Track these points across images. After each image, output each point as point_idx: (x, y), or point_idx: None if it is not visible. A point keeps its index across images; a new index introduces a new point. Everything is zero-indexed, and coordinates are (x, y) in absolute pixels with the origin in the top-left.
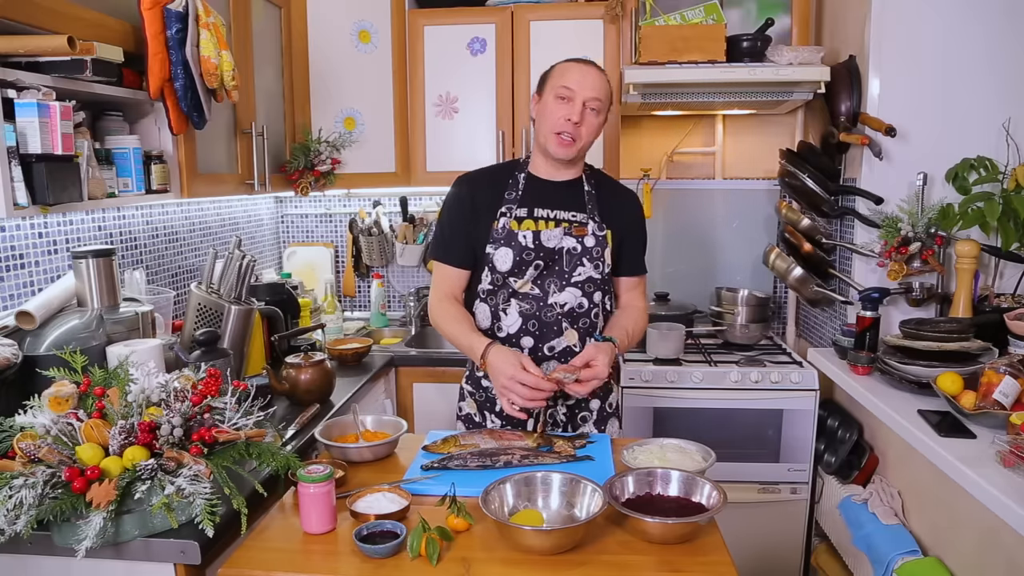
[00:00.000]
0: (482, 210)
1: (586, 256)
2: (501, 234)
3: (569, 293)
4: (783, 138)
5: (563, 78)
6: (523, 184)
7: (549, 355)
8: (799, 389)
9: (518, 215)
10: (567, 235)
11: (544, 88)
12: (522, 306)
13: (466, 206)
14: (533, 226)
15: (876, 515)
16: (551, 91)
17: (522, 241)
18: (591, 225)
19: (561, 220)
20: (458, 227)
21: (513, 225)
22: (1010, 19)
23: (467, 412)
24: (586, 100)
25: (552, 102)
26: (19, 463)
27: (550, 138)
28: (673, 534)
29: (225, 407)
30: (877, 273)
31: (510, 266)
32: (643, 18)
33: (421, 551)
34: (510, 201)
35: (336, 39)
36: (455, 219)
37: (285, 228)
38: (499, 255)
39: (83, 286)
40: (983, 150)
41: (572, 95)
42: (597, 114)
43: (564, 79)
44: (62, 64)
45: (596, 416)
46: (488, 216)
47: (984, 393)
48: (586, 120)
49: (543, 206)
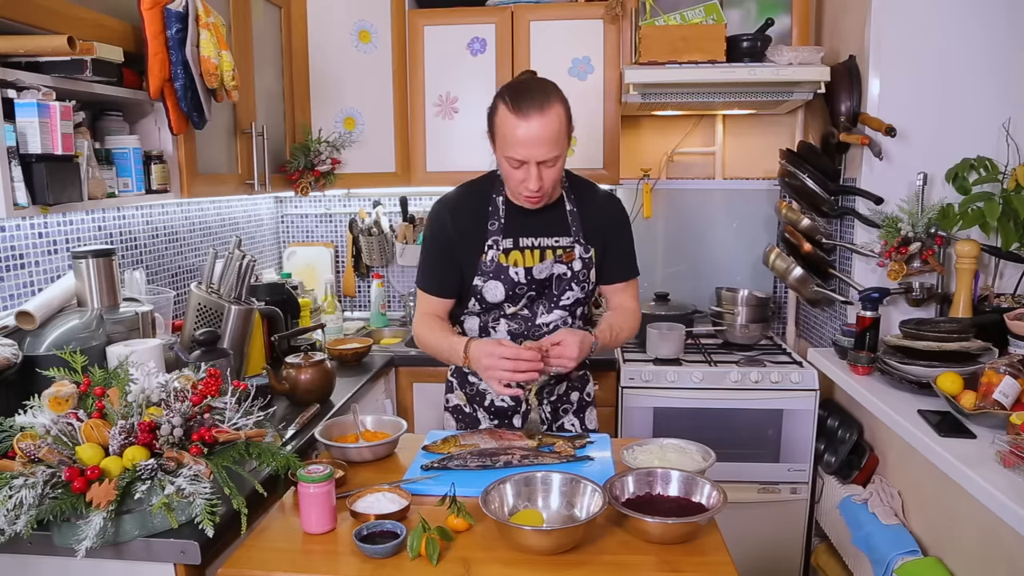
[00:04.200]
0: (465, 241)
1: (574, 280)
2: (490, 267)
3: (556, 314)
4: (783, 138)
5: (508, 145)
6: (504, 212)
7: None
8: (799, 389)
9: (504, 247)
10: (557, 262)
11: (493, 138)
12: (511, 325)
13: (448, 238)
14: (520, 257)
15: (876, 515)
16: (500, 151)
17: (514, 277)
18: (577, 248)
19: (547, 247)
20: (440, 259)
21: (501, 259)
22: (1010, 19)
23: (455, 404)
24: (540, 162)
25: (504, 163)
26: (19, 463)
27: (518, 196)
28: (673, 534)
29: (225, 407)
30: (877, 273)
31: (502, 298)
32: (643, 18)
33: (421, 551)
34: (494, 232)
35: (336, 39)
36: (436, 253)
37: (285, 228)
38: (489, 288)
39: (83, 286)
40: (983, 150)
41: (524, 162)
42: (556, 161)
43: (510, 147)
44: (62, 64)
45: (576, 406)
46: (472, 246)
47: (984, 393)
48: (545, 175)
49: (527, 234)
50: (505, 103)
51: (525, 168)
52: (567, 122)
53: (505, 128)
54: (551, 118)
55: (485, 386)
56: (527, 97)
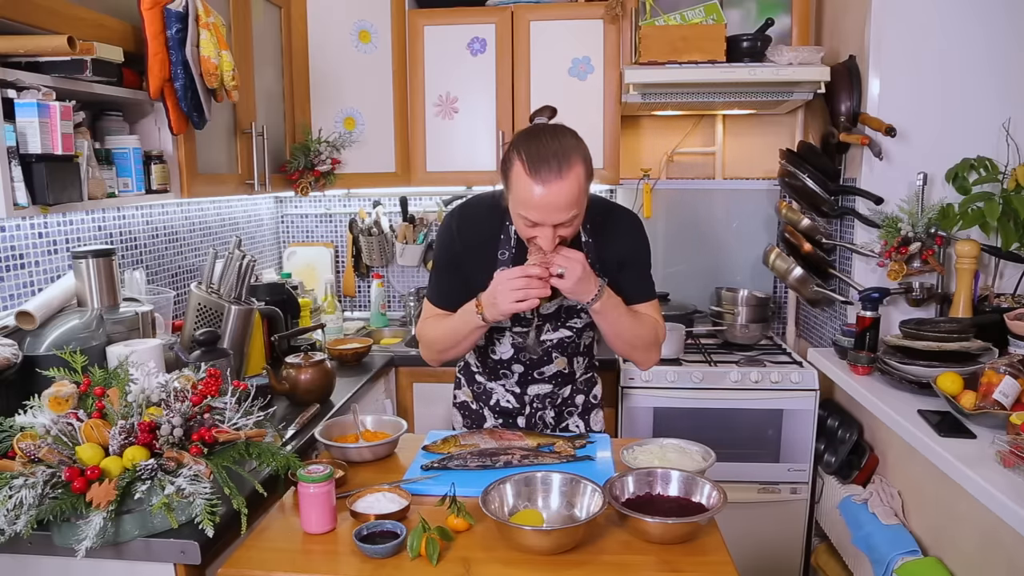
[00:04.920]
0: (473, 259)
1: (584, 310)
2: None
3: (562, 333)
4: (783, 138)
5: (523, 205)
6: (515, 242)
7: (539, 378)
8: (799, 389)
9: None
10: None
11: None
12: (515, 339)
13: (455, 252)
14: None
15: (876, 515)
16: (514, 208)
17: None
18: None
19: None
20: (450, 277)
21: None
22: (1010, 19)
23: (462, 400)
24: (556, 224)
25: (518, 219)
26: (19, 463)
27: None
28: (673, 534)
29: (225, 407)
30: (877, 273)
31: (509, 324)
32: (643, 18)
33: (421, 551)
34: (504, 262)
35: (336, 39)
36: (446, 271)
37: (285, 228)
38: None
39: (83, 286)
40: (983, 150)
41: (539, 224)
42: (573, 220)
43: (524, 207)
44: (62, 64)
45: (581, 408)
46: (478, 264)
47: (984, 393)
48: (561, 232)
49: None
50: (521, 161)
51: (539, 228)
52: (587, 180)
53: (519, 188)
54: (570, 182)
55: (492, 386)
56: (545, 161)
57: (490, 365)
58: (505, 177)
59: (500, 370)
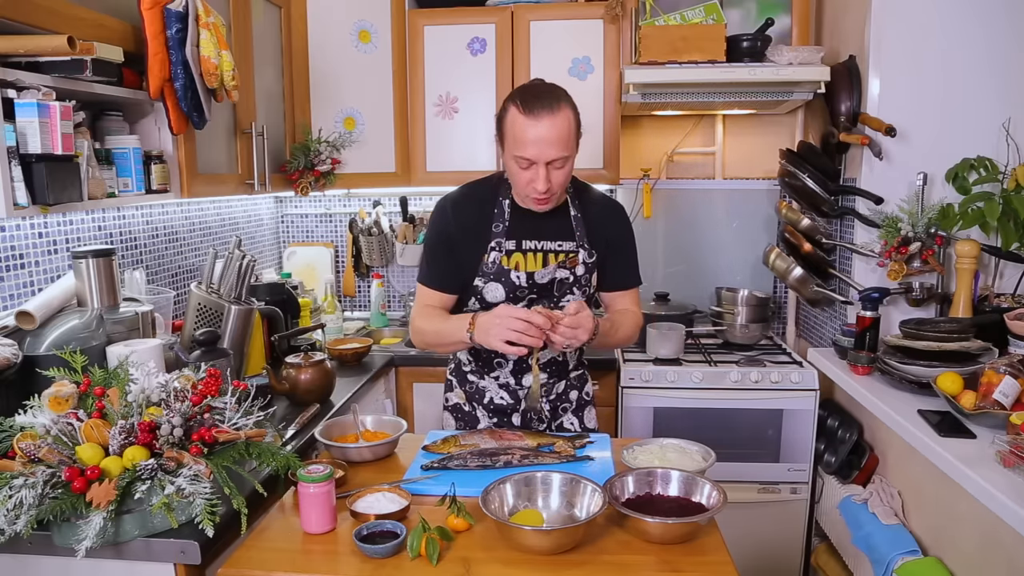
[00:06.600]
0: (467, 240)
1: (576, 284)
2: (491, 269)
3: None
4: (783, 138)
5: (518, 145)
6: (509, 214)
7: None
8: (799, 389)
9: (507, 248)
10: (560, 267)
11: (503, 139)
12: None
13: (449, 233)
14: (523, 260)
15: (876, 515)
16: (509, 151)
17: (515, 281)
18: (581, 254)
19: (549, 251)
20: (443, 258)
21: (503, 261)
22: (1010, 19)
23: (455, 402)
24: (548, 162)
25: (513, 164)
26: (19, 463)
27: (525, 199)
28: (673, 534)
29: (225, 407)
30: (877, 273)
31: (502, 300)
32: (643, 18)
33: (421, 551)
34: (498, 234)
35: (336, 39)
36: (439, 251)
37: (285, 228)
38: (489, 289)
39: (83, 286)
40: (983, 150)
41: (533, 162)
42: (565, 162)
43: (519, 146)
44: (62, 64)
45: (575, 405)
46: (475, 246)
47: (984, 393)
48: (554, 176)
49: (531, 237)
50: (516, 105)
51: (534, 169)
52: (576, 126)
53: (515, 129)
54: (561, 119)
55: (485, 384)
56: (537, 99)
57: (483, 357)
58: (500, 128)
59: (494, 359)
